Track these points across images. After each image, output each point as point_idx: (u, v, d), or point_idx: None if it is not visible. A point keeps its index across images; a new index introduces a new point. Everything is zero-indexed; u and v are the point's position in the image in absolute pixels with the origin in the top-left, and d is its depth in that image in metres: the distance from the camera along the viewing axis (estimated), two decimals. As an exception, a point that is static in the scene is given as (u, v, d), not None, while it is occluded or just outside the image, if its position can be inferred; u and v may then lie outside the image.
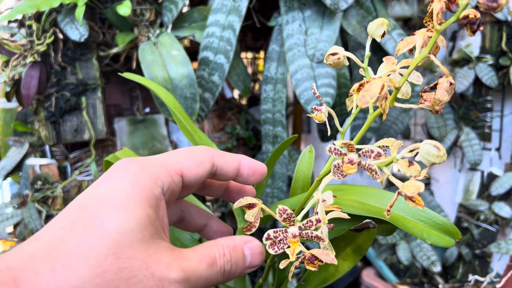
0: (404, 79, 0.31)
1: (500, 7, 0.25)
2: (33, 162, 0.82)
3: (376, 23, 0.32)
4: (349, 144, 0.30)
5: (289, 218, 0.31)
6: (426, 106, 0.30)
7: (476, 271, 1.07)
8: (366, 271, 1.16)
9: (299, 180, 0.56)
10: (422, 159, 0.29)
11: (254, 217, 0.34)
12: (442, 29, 0.28)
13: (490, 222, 1.07)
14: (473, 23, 0.27)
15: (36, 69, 0.76)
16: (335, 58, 0.34)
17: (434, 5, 0.28)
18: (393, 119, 1.11)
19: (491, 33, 1.05)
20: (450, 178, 1.18)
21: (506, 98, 1.07)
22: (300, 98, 0.75)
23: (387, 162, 0.31)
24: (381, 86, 0.28)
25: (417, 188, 0.28)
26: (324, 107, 0.36)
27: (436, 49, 0.31)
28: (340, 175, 0.30)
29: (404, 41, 0.31)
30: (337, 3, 0.73)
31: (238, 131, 0.95)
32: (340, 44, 0.79)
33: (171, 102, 0.57)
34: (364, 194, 0.49)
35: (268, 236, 0.31)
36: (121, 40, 0.77)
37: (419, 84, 0.33)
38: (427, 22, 0.29)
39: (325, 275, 0.49)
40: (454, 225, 0.44)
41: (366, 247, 0.47)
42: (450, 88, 0.29)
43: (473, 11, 0.27)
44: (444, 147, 1.09)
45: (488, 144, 1.10)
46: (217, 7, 0.78)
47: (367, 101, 0.28)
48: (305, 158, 0.56)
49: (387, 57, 0.33)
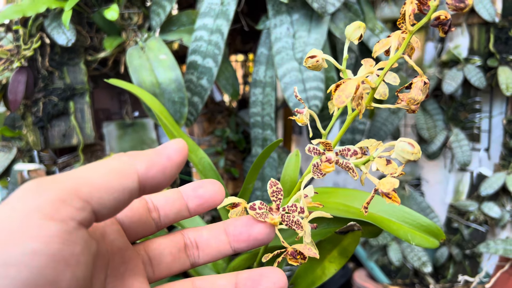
0: (380, 79, 0.31)
1: (467, 7, 0.26)
2: (21, 168, 0.82)
3: (352, 26, 0.32)
4: (326, 143, 0.30)
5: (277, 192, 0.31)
6: (402, 105, 0.31)
7: (467, 271, 1.08)
8: (357, 272, 1.17)
9: (286, 183, 0.56)
10: (397, 156, 0.29)
11: (238, 215, 0.34)
12: (414, 30, 0.29)
13: (480, 222, 1.08)
14: (444, 24, 0.28)
15: (23, 74, 0.76)
16: (313, 61, 0.34)
17: (406, 7, 0.29)
18: (383, 121, 1.11)
19: (479, 34, 1.06)
20: (440, 179, 1.18)
21: (494, 99, 1.08)
22: (288, 101, 0.76)
23: (364, 160, 0.32)
24: (356, 86, 0.29)
25: (392, 184, 0.29)
26: (306, 109, 0.36)
27: (411, 50, 0.31)
28: (320, 174, 0.31)
29: (380, 43, 0.32)
30: (324, 6, 0.73)
31: (227, 134, 0.95)
32: (328, 47, 0.79)
33: (156, 107, 0.57)
34: (348, 196, 0.49)
35: (253, 205, 0.31)
36: (109, 45, 0.77)
37: (397, 85, 0.33)
38: (401, 23, 0.30)
39: (312, 278, 0.49)
40: (438, 226, 0.44)
41: (352, 249, 0.47)
42: (424, 87, 0.30)
43: (444, 12, 0.28)
44: (434, 148, 1.10)
45: (477, 145, 1.11)
46: (205, 11, 0.78)
47: (343, 100, 0.29)
48: (291, 161, 0.57)
49: (365, 59, 0.34)
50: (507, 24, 1.02)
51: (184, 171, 0.95)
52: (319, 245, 0.48)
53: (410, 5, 0.28)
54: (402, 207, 0.44)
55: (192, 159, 0.56)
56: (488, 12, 1.01)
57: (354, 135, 0.92)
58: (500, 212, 1.04)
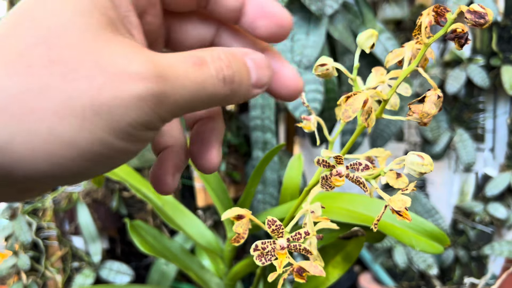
0: (392, 91, 0.31)
1: (487, 23, 0.25)
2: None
3: (365, 35, 0.32)
4: (337, 157, 0.29)
5: (277, 230, 0.31)
6: (414, 118, 0.30)
7: (473, 273, 1.07)
8: (363, 275, 1.16)
9: (288, 187, 0.56)
10: (409, 171, 0.29)
11: (243, 228, 0.33)
12: (430, 43, 0.28)
13: (486, 224, 1.06)
14: (460, 37, 0.27)
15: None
16: (323, 69, 0.33)
17: (422, 19, 0.28)
18: (386, 122, 1.11)
19: (482, 34, 1.05)
20: (445, 180, 1.17)
21: (498, 98, 1.07)
22: (287, 104, 0.75)
23: (375, 174, 0.31)
24: (364, 101, 0.28)
25: (403, 203, 0.28)
26: (313, 116, 0.36)
27: (425, 61, 0.31)
28: (328, 187, 0.30)
29: (393, 53, 0.31)
30: (322, 8, 0.73)
31: (228, 138, 0.95)
32: (327, 49, 0.78)
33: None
34: (352, 201, 0.49)
35: (256, 247, 0.31)
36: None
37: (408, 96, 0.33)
38: (416, 34, 0.29)
39: (315, 283, 0.49)
40: (442, 231, 0.44)
41: (355, 254, 0.47)
42: (438, 101, 0.29)
43: (461, 25, 0.27)
44: (438, 149, 1.09)
45: (481, 145, 1.10)
46: (203, 15, 0.78)
47: (349, 115, 0.28)
48: (294, 165, 0.56)
49: (376, 68, 0.33)
50: (510, 23, 1.01)
51: (185, 175, 0.95)
52: (323, 250, 0.48)
53: (427, 16, 0.28)
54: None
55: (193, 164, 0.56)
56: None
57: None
58: (506, 213, 1.03)
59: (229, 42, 0.29)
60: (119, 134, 0.19)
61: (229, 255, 0.55)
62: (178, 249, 0.63)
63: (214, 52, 0.23)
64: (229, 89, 0.23)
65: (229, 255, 0.55)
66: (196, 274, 0.58)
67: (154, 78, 0.20)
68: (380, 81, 0.33)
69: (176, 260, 0.60)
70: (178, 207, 0.59)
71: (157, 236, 0.64)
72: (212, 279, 0.59)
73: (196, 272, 0.59)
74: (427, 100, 0.29)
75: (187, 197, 0.95)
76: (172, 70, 0.21)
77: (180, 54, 0.22)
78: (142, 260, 0.94)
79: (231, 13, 0.26)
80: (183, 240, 0.83)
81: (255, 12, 0.26)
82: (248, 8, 0.26)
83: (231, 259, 0.56)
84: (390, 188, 0.32)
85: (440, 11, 0.28)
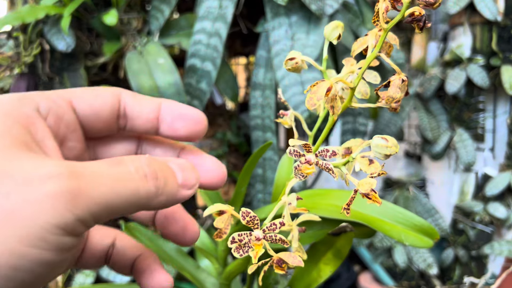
0: (358, 78, 0.31)
1: (437, 3, 0.26)
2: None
3: (331, 26, 0.32)
4: (305, 144, 0.30)
5: (252, 221, 0.31)
6: (383, 104, 0.31)
7: (473, 273, 1.07)
8: (363, 275, 1.16)
9: (279, 186, 0.55)
10: (375, 154, 0.29)
11: (224, 223, 0.33)
12: (389, 28, 0.29)
13: (486, 223, 1.06)
14: (418, 20, 0.28)
15: (24, 81, 0.76)
16: (293, 63, 0.34)
17: (379, 5, 0.29)
18: (386, 122, 1.11)
19: (482, 33, 1.05)
20: (445, 179, 1.17)
21: (498, 98, 1.07)
22: (288, 103, 0.75)
23: (344, 161, 0.32)
24: (328, 88, 0.28)
25: (370, 184, 0.29)
26: (290, 111, 0.36)
27: (389, 48, 0.31)
28: (301, 176, 0.30)
29: (358, 42, 0.32)
30: (323, 8, 0.73)
31: (229, 137, 0.95)
32: (328, 48, 0.79)
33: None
34: (341, 198, 0.49)
35: (233, 239, 0.31)
36: (108, 50, 0.77)
37: (377, 83, 0.33)
38: (375, 21, 0.29)
39: (308, 280, 0.49)
40: (432, 225, 0.43)
41: (345, 250, 0.47)
42: (402, 85, 0.29)
43: (417, 9, 0.27)
44: (438, 149, 1.09)
45: (481, 145, 1.10)
46: (203, 14, 0.78)
47: (314, 103, 0.29)
48: (284, 164, 0.56)
49: (346, 59, 0.34)
50: (510, 23, 1.01)
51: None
52: (313, 247, 0.48)
53: (383, 2, 0.28)
54: (394, 206, 0.44)
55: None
56: (490, 11, 1.00)
57: (355, 137, 0.91)
58: (506, 213, 1.03)
59: (150, 150, 0.31)
60: (33, 241, 0.18)
61: (223, 255, 0.55)
62: (173, 250, 0.63)
63: (133, 156, 0.24)
64: (153, 185, 0.23)
65: (223, 254, 0.55)
66: (191, 274, 0.58)
67: (66, 174, 0.19)
68: (349, 71, 0.33)
69: (171, 261, 0.60)
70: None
71: (152, 238, 0.64)
72: (207, 279, 0.59)
73: (191, 272, 0.59)
74: (391, 85, 0.30)
75: (187, 196, 0.95)
76: (87, 168, 0.20)
77: (97, 161, 0.22)
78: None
79: (149, 125, 0.28)
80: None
81: (171, 116, 0.28)
82: (163, 115, 0.28)
83: (224, 258, 0.56)
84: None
85: None
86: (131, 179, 0.22)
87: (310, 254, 0.47)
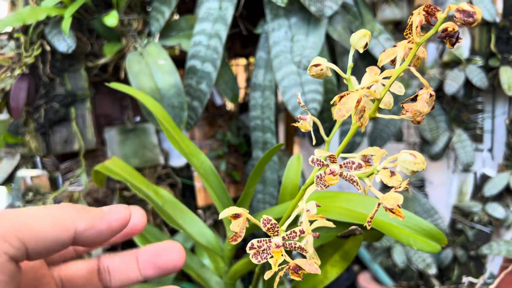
0: (385, 90, 0.31)
1: (476, 22, 0.26)
2: (24, 174, 0.83)
3: (358, 35, 0.32)
4: (331, 156, 0.30)
5: (273, 228, 0.31)
6: (407, 117, 0.31)
7: (472, 273, 1.07)
8: (362, 275, 1.16)
9: (287, 187, 0.56)
10: (401, 169, 0.29)
11: (240, 227, 0.33)
12: (421, 42, 0.29)
13: (484, 223, 1.07)
14: (451, 36, 0.28)
15: (25, 81, 0.77)
16: (318, 69, 0.34)
17: (413, 18, 0.28)
18: (386, 122, 1.11)
19: (480, 35, 1.06)
20: (444, 180, 1.18)
21: (497, 99, 1.07)
22: (287, 105, 0.76)
23: (368, 173, 0.32)
24: (358, 100, 0.29)
25: (396, 200, 0.29)
26: (309, 116, 0.36)
27: (417, 60, 0.31)
28: (323, 185, 0.30)
29: (385, 53, 0.31)
30: (322, 9, 0.74)
31: (228, 138, 0.95)
32: (326, 50, 0.79)
33: (158, 112, 0.57)
34: (351, 201, 0.49)
35: (252, 245, 0.31)
36: (109, 51, 0.78)
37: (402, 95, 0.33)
38: (408, 34, 0.29)
39: (313, 282, 0.49)
40: (440, 231, 0.44)
41: (353, 253, 0.47)
42: (430, 99, 0.29)
43: (451, 24, 0.27)
44: (437, 149, 1.10)
45: (480, 145, 1.10)
46: (203, 16, 0.79)
47: (343, 114, 0.29)
48: (293, 165, 0.57)
49: (370, 67, 0.34)
50: (508, 24, 1.01)
51: (186, 175, 0.95)
52: (321, 249, 0.48)
53: (417, 16, 0.28)
54: (404, 211, 0.44)
55: (193, 163, 0.56)
56: (489, 12, 1.01)
57: (354, 137, 0.92)
58: (504, 213, 1.03)
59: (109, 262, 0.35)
60: None
61: (229, 254, 0.56)
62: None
63: None
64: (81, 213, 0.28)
65: (229, 254, 0.56)
66: (196, 273, 0.58)
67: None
68: (374, 81, 0.33)
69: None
70: (178, 206, 0.59)
71: (157, 235, 0.64)
72: (212, 278, 0.59)
73: (196, 271, 0.59)
74: (419, 99, 0.30)
75: (187, 196, 0.96)
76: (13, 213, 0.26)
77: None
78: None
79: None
80: (184, 239, 0.83)
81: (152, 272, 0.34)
82: (145, 270, 0.34)
83: (231, 258, 0.56)
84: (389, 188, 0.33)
85: (430, 10, 0.28)
86: (68, 216, 0.27)
87: (317, 255, 0.48)
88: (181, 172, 0.94)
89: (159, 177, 0.91)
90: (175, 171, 0.93)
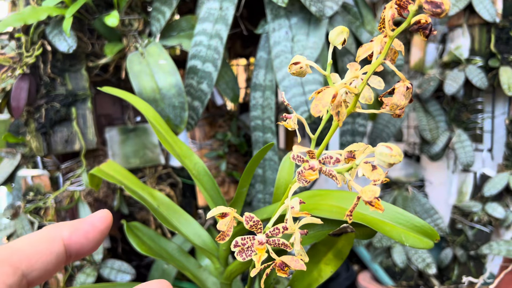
0: (363, 84, 0.31)
1: (444, 12, 0.26)
2: (25, 174, 0.83)
3: (336, 31, 0.32)
4: (309, 151, 0.30)
5: (256, 225, 0.31)
6: (387, 111, 0.31)
7: (471, 273, 1.07)
8: (362, 274, 1.16)
9: (280, 186, 0.56)
10: (379, 162, 0.29)
11: (227, 226, 0.34)
12: (394, 35, 0.29)
13: (484, 223, 1.07)
14: (424, 28, 0.28)
15: (26, 81, 0.77)
16: (297, 67, 0.34)
17: (386, 12, 0.29)
18: (385, 122, 1.11)
19: (480, 35, 1.06)
20: (444, 180, 1.18)
21: (497, 99, 1.08)
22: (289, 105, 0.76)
23: (347, 167, 0.32)
24: (333, 95, 0.29)
25: (373, 193, 0.29)
26: (294, 114, 0.37)
27: (394, 54, 0.31)
28: (304, 181, 0.31)
29: (363, 48, 0.32)
30: (322, 10, 0.74)
31: (229, 138, 0.95)
32: (327, 50, 0.79)
33: (150, 114, 0.57)
34: (342, 198, 0.49)
35: (236, 243, 0.31)
36: (110, 51, 0.78)
37: (381, 89, 0.33)
38: (381, 28, 0.30)
39: (309, 280, 0.49)
40: (432, 227, 0.44)
41: (346, 251, 0.47)
42: (407, 92, 0.29)
43: (424, 17, 0.27)
44: (437, 149, 1.10)
45: (480, 145, 1.10)
46: (204, 16, 0.79)
47: (320, 110, 0.29)
48: (285, 165, 0.57)
49: (350, 63, 0.34)
50: (508, 24, 1.01)
51: (186, 175, 0.95)
52: (314, 248, 0.48)
53: (389, 10, 0.28)
54: (395, 208, 0.44)
55: (186, 165, 0.56)
56: (489, 12, 1.01)
57: (354, 137, 0.92)
58: (504, 213, 1.03)
59: None
60: None
61: (224, 254, 0.56)
62: (175, 250, 0.63)
63: None
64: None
65: (224, 254, 0.56)
66: (192, 274, 0.58)
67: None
68: (354, 76, 0.33)
69: (173, 260, 0.61)
70: (173, 208, 0.59)
71: (154, 237, 0.64)
72: (208, 279, 0.59)
73: (193, 272, 0.59)
74: (396, 92, 0.30)
75: (188, 196, 0.96)
76: None
77: None
78: (143, 259, 0.95)
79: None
80: (183, 240, 0.83)
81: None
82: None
83: (226, 258, 0.56)
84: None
85: (402, 3, 0.28)
86: None
87: (311, 254, 0.48)
88: (181, 172, 0.94)
89: (159, 177, 0.91)
90: (176, 171, 0.93)
